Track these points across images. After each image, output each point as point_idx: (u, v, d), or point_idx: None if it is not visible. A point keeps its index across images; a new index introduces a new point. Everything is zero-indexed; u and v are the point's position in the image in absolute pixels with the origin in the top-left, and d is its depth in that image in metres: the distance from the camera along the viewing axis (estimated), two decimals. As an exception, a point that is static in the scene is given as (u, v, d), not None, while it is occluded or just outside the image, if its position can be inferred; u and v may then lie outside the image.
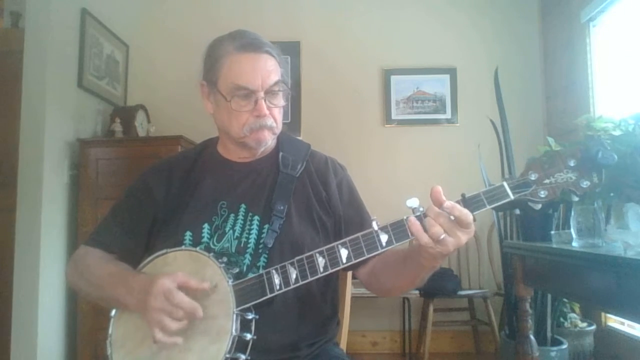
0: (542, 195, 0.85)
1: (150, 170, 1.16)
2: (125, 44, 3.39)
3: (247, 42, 1.05)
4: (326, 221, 1.10)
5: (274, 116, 1.07)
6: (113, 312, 1.00)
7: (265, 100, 1.04)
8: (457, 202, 0.84)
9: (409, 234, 0.86)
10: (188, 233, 1.04)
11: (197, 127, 2.47)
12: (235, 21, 3.30)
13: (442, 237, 0.81)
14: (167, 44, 3.47)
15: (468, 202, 0.84)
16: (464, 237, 0.82)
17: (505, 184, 0.85)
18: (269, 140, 1.10)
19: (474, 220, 0.83)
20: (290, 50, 3.42)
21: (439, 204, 0.82)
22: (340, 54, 3.49)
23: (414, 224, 0.83)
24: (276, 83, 1.06)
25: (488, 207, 0.85)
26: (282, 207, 1.05)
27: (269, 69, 1.05)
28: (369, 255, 0.88)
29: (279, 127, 1.10)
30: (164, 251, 1.00)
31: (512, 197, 0.85)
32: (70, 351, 2.64)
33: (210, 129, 1.19)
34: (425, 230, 0.82)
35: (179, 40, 3.40)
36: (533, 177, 0.86)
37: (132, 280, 0.95)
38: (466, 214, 0.81)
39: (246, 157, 1.14)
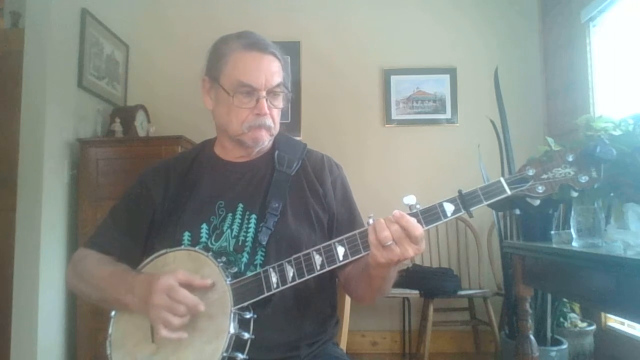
0: (540, 191, 0.84)
1: (148, 172, 1.17)
2: (125, 44, 3.39)
3: (253, 42, 1.07)
4: (322, 218, 1.10)
5: (273, 117, 1.09)
6: (113, 312, 1.01)
7: (266, 100, 1.05)
8: (453, 198, 0.84)
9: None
10: (187, 233, 1.04)
11: (197, 127, 2.47)
12: (235, 21, 3.30)
13: (389, 243, 0.82)
14: (167, 44, 3.47)
15: (465, 198, 0.84)
16: (410, 251, 0.82)
17: (502, 179, 0.85)
18: (266, 141, 1.11)
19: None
20: (290, 50, 3.41)
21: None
22: (340, 54, 3.49)
23: (376, 223, 0.84)
24: (278, 84, 1.07)
25: (485, 203, 0.84)
26: (277, 205, 1.05)
27: (273, 70, 1.07)
28: (365, 253, 0.88)
29: (276, 129, 1.12)
30: (164, 251, 1.00)
31: (509, 192, 0.84)
32: (70, 351, 2.64)
33: (210, 130, 1.19)
34: (377, 233, 0.82)
35: (179, 40, 3.40)
36: (531, 172, 0.85)
37: (133, 280, 0.96)
38: (414, 226, 0.82)
39: (242, 156, 1.14)
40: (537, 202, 0.85)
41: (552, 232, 1.66)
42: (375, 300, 1.03)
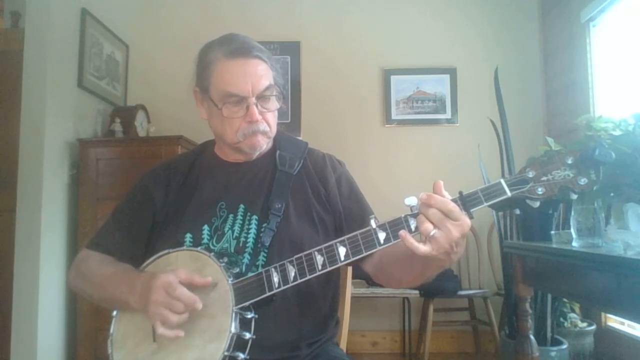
0: (540, 193, 0.85)
1: (149, 174, 1.17)
2: (125, 44, 3.39)
3: (235, 48, 1.05)
4: (325, 218, 1.10)
5: (267, 120, 1.08)
6: (114, 311, 1.01)
7: (257, 106, 1.04)
8: (454, 199, 0.84)
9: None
10: (188, 235, 1.04)
11: (197, 127, 2.47)
12: (234, 21, 3.32)
13: (432, 233, 0.79)
14: (167, 44, 3.47)
15: (465, 200, 0.84)
16: (454, 230, 0.79)
17: (502, 181, 0.85)
18: (264, 145, 1.10)
19: (471, 218, 0.83)
20: (290, 50, 3.43)
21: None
22: (340, 54, 3.49)
23: (407, 238, 0.81)
24: (267, 88, 1.05)
25: (485, 204, 0.84)
26: (279, 206, 1.05)
27: (259, 74, 1.04)
28: (366, 253, 0.88)
29: (273, 131, 1.11)
30: (166, 251, 1.00)
31: (509, 194, 0.85)
32: (70, 351, 2.64)
33: (210, 130, 1.19)
34: (418, 227, 0.81)
35: (179, 40, 3.40)
36: (530, 174, 0.86)
37: (134, 279, 0.96)
38: (444, 201, 0.80)
39: (243, 159, 1.14)
40: (537, 204, 0.86)
41: (552, 232, 1.67)
42: (418, 283, 0.99)
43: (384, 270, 1.04)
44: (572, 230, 1.41)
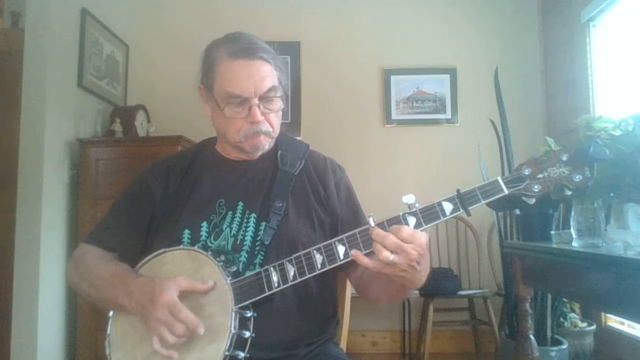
0: (536, 190, 0.86)
1: (149, 169, 1.17)
2: (125, 44, 3.39)
3: (240, 48, 1.04)
4: (324, 219, 1.10)
5: (270, 121, 1.07)
6: (111, 312, 1.00)
7: (259, 106, 1.04)
8: (452, 197, 0.85)
9: None
10: (187, 231, 1.04)
11: (197, 127, 2.47)
12: (235, 21, 3.31)
13: (391, 258, 0.81)
14: (167, 44, 3.47)
15: (463, 198, 0.85)
16: (413, 252, 0.82)
17: (499, 178, 0.87)
18: (266, 145, 1.10)
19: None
20: (290, 50, 3.43)
21: None
22: (340, 54, 3.49)
23: (359, 256, 0.85)
24: (271, 89, 1.05)
25: (483, 202, 0.85)
26: (280, 205, 1.05)
27: (262, 75, 1.04)
28: (366, 252, 0.88)
29: (275, 131, 1.11)
30: (162, 251, 0.99)
31: (506, 191, 0.86)
32: (70, 351, 2.64)
33: (210, 129, 1.19)
34: (377, 255, 0.83)
35: (179, 40, 3.40)
36: (527, 171, 0.87)
37: (132, 283, 0.95)
38: (397, 229, 0.82)
39: (245, 157, 1.14)
40: (533, 201, 0.88)
41: (552, 232, 1.66)
42: (395, 301, 1.03)
43: (363, 285, 1.06)
44: (572, 230, 1.41)
